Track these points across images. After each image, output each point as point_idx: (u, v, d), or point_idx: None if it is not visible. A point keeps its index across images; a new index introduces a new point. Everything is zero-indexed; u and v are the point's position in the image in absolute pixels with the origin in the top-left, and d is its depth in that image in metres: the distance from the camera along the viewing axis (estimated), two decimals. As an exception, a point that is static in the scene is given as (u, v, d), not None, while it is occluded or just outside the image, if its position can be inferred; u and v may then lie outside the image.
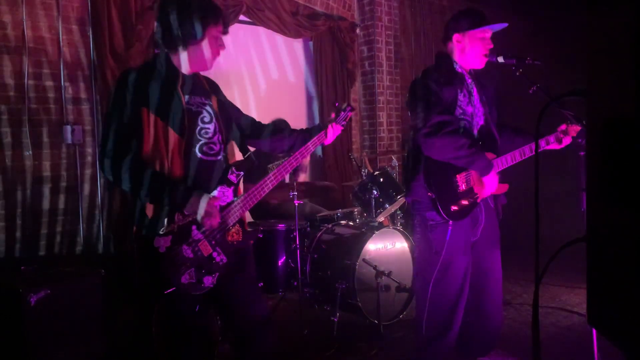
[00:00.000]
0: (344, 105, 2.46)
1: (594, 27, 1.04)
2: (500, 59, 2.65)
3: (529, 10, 6.69)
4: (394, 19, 6.09)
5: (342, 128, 2.44)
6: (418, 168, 2.61)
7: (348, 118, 2.45)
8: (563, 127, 2.77)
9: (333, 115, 2.41)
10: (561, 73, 4.49)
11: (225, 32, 2.15)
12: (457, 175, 2.59)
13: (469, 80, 2.69)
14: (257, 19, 4.94)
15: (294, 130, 2.43)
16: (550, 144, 2.80)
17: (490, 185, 2.61)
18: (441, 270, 2.62)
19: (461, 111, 2.61)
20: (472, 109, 2.66)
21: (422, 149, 2.56)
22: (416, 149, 2.62)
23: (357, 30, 5.93)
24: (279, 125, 2.47)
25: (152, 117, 1.97)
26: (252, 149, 2.37)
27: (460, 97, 2.62)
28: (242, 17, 4.81)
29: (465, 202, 2.59)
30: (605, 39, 1.02)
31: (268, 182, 2.17)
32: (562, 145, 2.81)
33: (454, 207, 2.56)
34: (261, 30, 5.23)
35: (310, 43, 5.63)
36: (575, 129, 2.78)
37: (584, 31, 1.06)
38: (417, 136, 2.55)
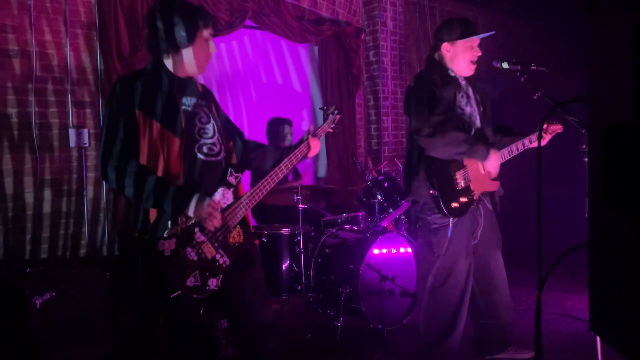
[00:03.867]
0: (332, 108, 2.48)
1: (595, 33, 1.04)
2: (505, 65, 2.68)
3: (532, 16, 6.69)
4: (400, 25, 6.11)
5: (332, 131, 2.45)
6: (418, 168, 2.67)
7: (337, 121, 2.47)
8: (544, 126, 2.87)
9: (311, 127, 2.43)
10: (567, 79, 4.49)
11: (215, 35, 2.18)
12: (457, 173, 2.65)
13: (463, 83, 2.74)
14: (262, 24, 4.96)
15: (278, 147, 2.42)
16: (533, 142, 2.85)
17: (494, 168, 2.71)
18: (443, 274, 2.66)
19: (461, 111, 2.68)
20: (470, 109, 2.72)
21: (425, 150, 2.61)
22: (416, 150, 2.68)
23: (363, 36, 5.94)
24: (261, 144, 2.45)
25: (147, 120, 1.99)
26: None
27: (459, 97, 2.69)
28: (247, 22, 4.83)
29: (464, 199, 2.66)
30: (606, 46, 1.02)
31: (266, 183, 2.18)
32: (543, 143, 2.89)
33: (455, 204, 2.63)
34: (267, 35, 5.26)
35: (316, 48, 5.64)
36: (554, 128, 2.89)
37: (586, 38, 1.06)
38: (418, 137, 2.60)
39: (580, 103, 1.45)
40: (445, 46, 2.72)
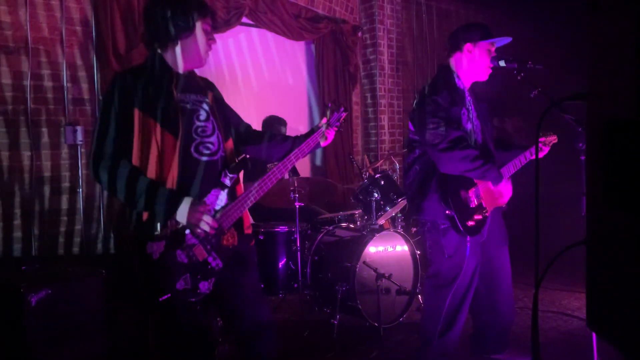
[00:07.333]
0: (337, 107, 2.43)
1: (595, 31, 1.04)
2: (502, 63, 2.68)
3: (531, 15, 6.70)
4: (397, 23, 6.10)
5: (336, 130, 2.39)
6: (430, 187, 2.66)
7: (342, 120, 2.42)
8: (542, 139, 2.93)
9: (325, 120, 2.38)
10: (564, 78, 4.50)
11: (214, 27, 2.14)
12: (469, 191, 2.66)
13: (468, 98, 2.74)
14: (259, 22, 4.95)
15: (288, 137, 2.38)
16: (533, 155, 2.90)
17: (506, 193, 2.70)
18: (451, 273, 2.70)
19: (462, 128, 2.66)
20: (471, 125, 2.74)
21: (438, 164, 2.59)
22: (426, 168, 2.66)
23: (360, 33, 5.94)
24: (273, 133, 2.42)
25: (144, 118, 1.94)
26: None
27: (461, 114, 2.67)
28: (244, 20, 4.82)
29: (478, 217, 2.67)
30: (606, 43, 1.02)
31: (263, 183, 2.12)
32: (542, 155, 2.96)
33: (471, 223, 2.64)
34: (263, 33, 5.24)
35: (313, 46, 5.64)
36: (550, 139, 2.96)
37: (586, 35, 1.06)
38: (433, 151, 2.58)
39: (578, 100, 1.45)
40: (468, 46, 2.70)
